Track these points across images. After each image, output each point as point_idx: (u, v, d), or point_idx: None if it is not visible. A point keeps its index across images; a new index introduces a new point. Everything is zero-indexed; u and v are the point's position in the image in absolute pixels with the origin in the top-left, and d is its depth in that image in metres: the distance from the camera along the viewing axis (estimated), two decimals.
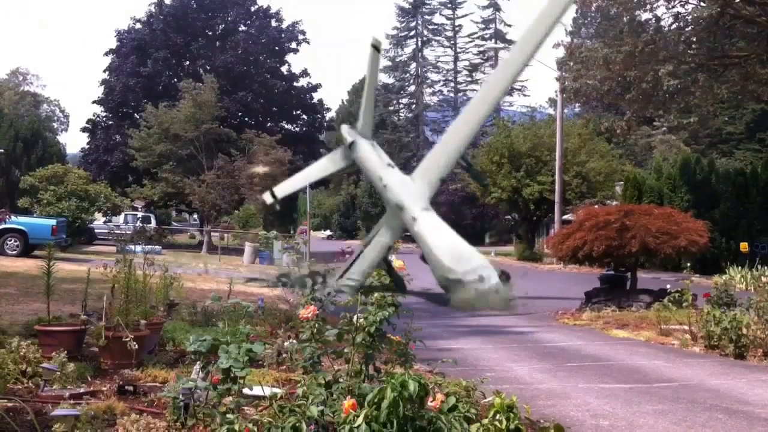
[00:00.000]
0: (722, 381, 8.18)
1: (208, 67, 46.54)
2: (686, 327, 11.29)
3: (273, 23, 50.71)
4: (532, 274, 27.01)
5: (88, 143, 49.46)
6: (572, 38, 56.93)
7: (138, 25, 49.86)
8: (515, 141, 39.08)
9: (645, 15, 25.40)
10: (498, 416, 4.07)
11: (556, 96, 33.25)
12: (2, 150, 42.24)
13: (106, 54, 49.44)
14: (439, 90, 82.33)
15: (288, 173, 39.56)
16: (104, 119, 49.39)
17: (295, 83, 50.89)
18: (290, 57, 51.89)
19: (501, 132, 40.59)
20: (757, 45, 24.76)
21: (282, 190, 7.92)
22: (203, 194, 39.33)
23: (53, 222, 24.36)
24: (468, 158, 13.90)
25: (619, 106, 31.42)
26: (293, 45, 50.82)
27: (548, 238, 23.01)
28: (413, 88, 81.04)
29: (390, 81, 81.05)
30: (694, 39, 24.94)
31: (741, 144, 55.08)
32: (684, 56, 24.37)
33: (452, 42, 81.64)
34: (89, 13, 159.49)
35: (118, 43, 49.12)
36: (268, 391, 4.96)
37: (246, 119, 48.32)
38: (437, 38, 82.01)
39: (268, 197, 7.63)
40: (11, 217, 22.64)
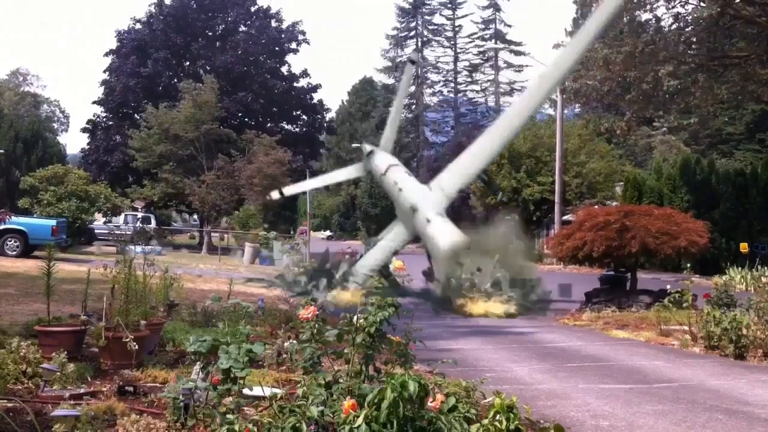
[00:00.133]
0: (722, 381, 8.17)
1: (208, 68, 46.55)
2: (686, 327, 11.28)
3: (273, 23, 50.76)
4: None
5: (88, 144, 49.50)
6: (572, 38, 56.99)
7: (138, 26, 49.92)
8: (515, 141, 39.01)
9: (645, 15, 25.46)
10: (498, 416, 4.07)
11: (556, 96, 33.22)
12: (2, 150, 42.25)
13: (107, 54, 49.54)
14: (439, 90, 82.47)
15: (288, 173, 39.62)
16: (104, 120, 49.42)
17: (295, 83, 50.92)
18: (290, 57, 52.04)
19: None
20: (757, 45, 24.77)
21: (296, 189, 8.01)
22: (203, 195, 39.33)
23: (53, 222, 24.36)
24: (488, 173, 13.97)
25: (619, 107, 31.45)
26: (293, 45, 50.90)
27: (548, 239, 23.00)
28: (413, 89, 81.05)
29: (390, 81, 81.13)
30: (694, 39, 24.97)
31: (741, 144, 55.08)
32: (684, 56, 24.40)
33: (452, 42, 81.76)
34: (89, 13, 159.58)
35: (119, 44, 49.16)
36: (268, 392, 4.95)
37: (246, 120, 48.34)
38: (437, 38, 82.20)
39: (276, 194, 7.73)
40: (11, 218, 22.64)
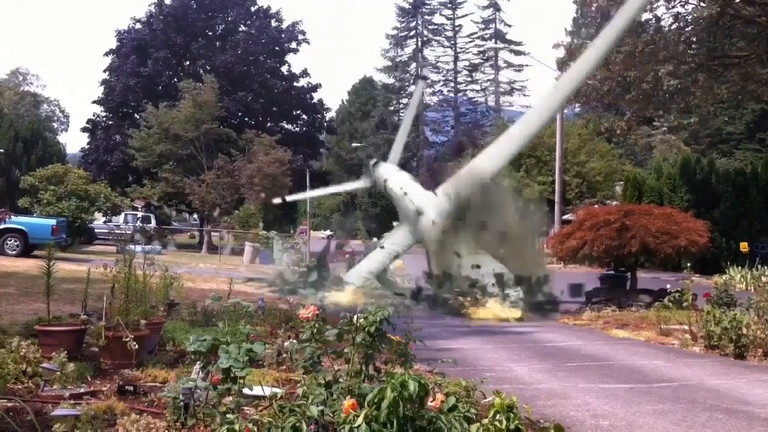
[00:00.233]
0: (722, 381, 8.17)
1: (208, 67, 46.54)
2: (686, 327, 11.28)
3: (273, 23, 50.74)
4: None
5: (88, 143, 49.50)
6: (572, 38, 57.01)
7: (138, 26, 49.91)
8: None
9: (645, 15, 25.41)
10: (498, 416, 4.07)
11: None
12: (2, 150, 42.25)
13: (106, 54, 49.51)
14: (439, 90, 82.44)
15: (288, 173, 39.63)
16: (104, 119, 49.41)
17: (295, 83, 50.91)
18: (290, 57, 52.02)
19: (501, 132, 40.58)
20: (757, 45, 24.77)
21: (300, 197, 8.06)
22: (203, 194, 39.33)
23: (53, 222, 24.36)
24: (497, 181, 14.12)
25: (619, 106, 31.43)
26: (293, 45, 50.89)
27: (548, 238, 22.99)
28: (413, 88, 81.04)
29: (390, 81, 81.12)
30: (694, 39, 24.96)
31: (741, 144, 55.07)
32: (684, 56, 24.39)
33: (452, 42, 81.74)
34: (89, 13, 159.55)
35: (119, 44, 49.15)
36: (268, 391, 4.95)
37: (246, 119, 48.34)
38: (437, 38, 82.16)
39: (278, 200, 7.77)
40: (11, 217, 22.64)
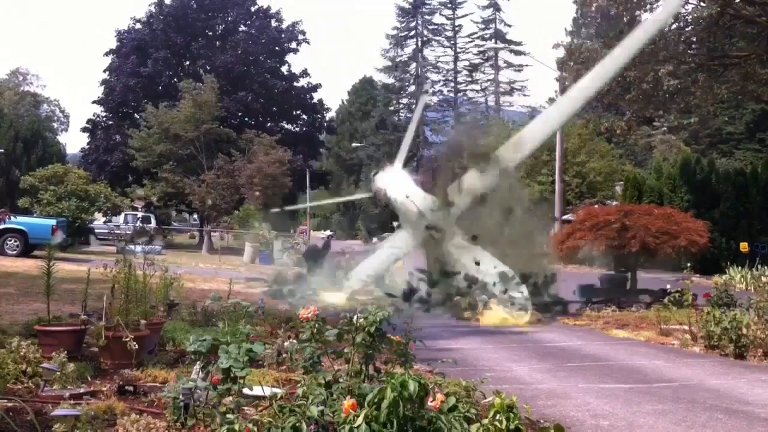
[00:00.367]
0: (722, 381, 8.18)
1: (208, 67, 46.52)
2: (686, 327, 11.28)
3: (273, 23, 50.72)
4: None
5: (88, 143, 49.48)
6: (572, 38, 57.03)
7: (138, 26, 49.88)
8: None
9: (645, 15, 25.40)
10: (498, 416, 4.07)
11: (556, 96, 33.21)
12: (2, 150, 42.23)
13: (106, 54, 49.49)
14: (439, 90, 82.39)
15: (288, 173, 39.62)
16: (104, 119, 49.40)
17: (295, 83, 50.90)
18: (290, 57, 52.00)
19: (501, 132, 40.56)
20: (757, 45, 24.76)
21: (304, 205, 8.12)
22: (203, 194, 39.32)
23: (53, 222, 24.36)
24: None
25: (619, 106, 31.43)
26: (293, 45, 50.88)
27: (548, 238, 22.98)
28: (413, 88, 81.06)
29: (390, 81, 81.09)
30: (694, 39, 24.95)
31: (741, 144, 55.03)
32: (684, 56, 24.38)
33: (452, 42, 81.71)
34: (89, 13, 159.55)
35: (118, 44, 49.14)
36: (268, 391, 4.96)
37: (246, 119, 48.32)
38: (437, 38, 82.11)
39: (275, 209, 7.83)
40: (11, 217, 22.62)
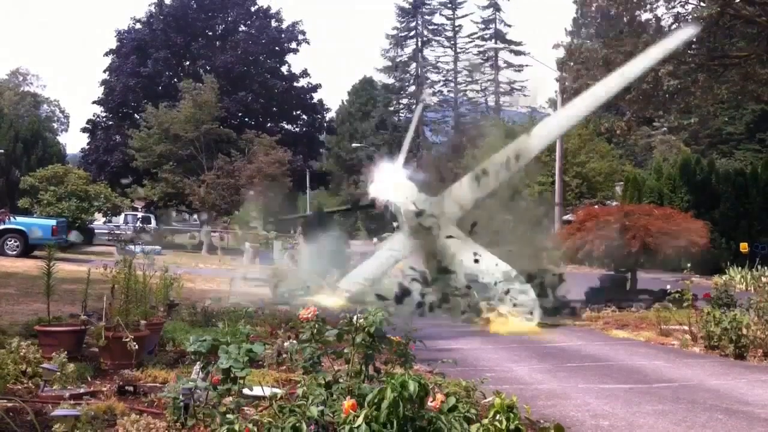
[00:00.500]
0: (722, 381, 8.18)
1: (208, 67, 46.49)
2: (686, 327, 11.28)
3: (273, 23, 50.70)
4: None
5: (88, 143, 49.44)
6: (572, 38, 57.02)
7: (138, 26, 49.84)
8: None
9: (645, 15, 25.42)
10: (498, 416, 4.07)
11: (556, 96, 33.20)
12: (2, 150, 42.20)
13: (106, 54, 49.45)
14: (439, 90, 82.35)
15: (288, 173, 39.61)
16: (104, 119, 49.36)
17: (295, 83, 50.87)
18: (290, 57, 51.94)
19: (500, 132, 40.51)
20: (757, 45, 24.76)
21: (304, 214, 8.25)
22: (203, 194, 39.31)
23: (53, 222, 24.36)
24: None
25: (619, 107, 31.40)
26: (293, 45, 50.83)
27: (548, 238, 22.98)
28: (413, 89, 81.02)
29: (390, 81, 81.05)
30: (694, 39, 24.93)
31: (741, 144, 55.01)
32: (684, 56, 24.36)
33: (452, 42, 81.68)
34: (89, 13, 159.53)
35: (118, 44, 49.11)
36: (268, 392, 4.96)
37: (246, 119, 48.30)
38: (437, 38, 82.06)
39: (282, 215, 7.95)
40: (11, 218, 22.61)
